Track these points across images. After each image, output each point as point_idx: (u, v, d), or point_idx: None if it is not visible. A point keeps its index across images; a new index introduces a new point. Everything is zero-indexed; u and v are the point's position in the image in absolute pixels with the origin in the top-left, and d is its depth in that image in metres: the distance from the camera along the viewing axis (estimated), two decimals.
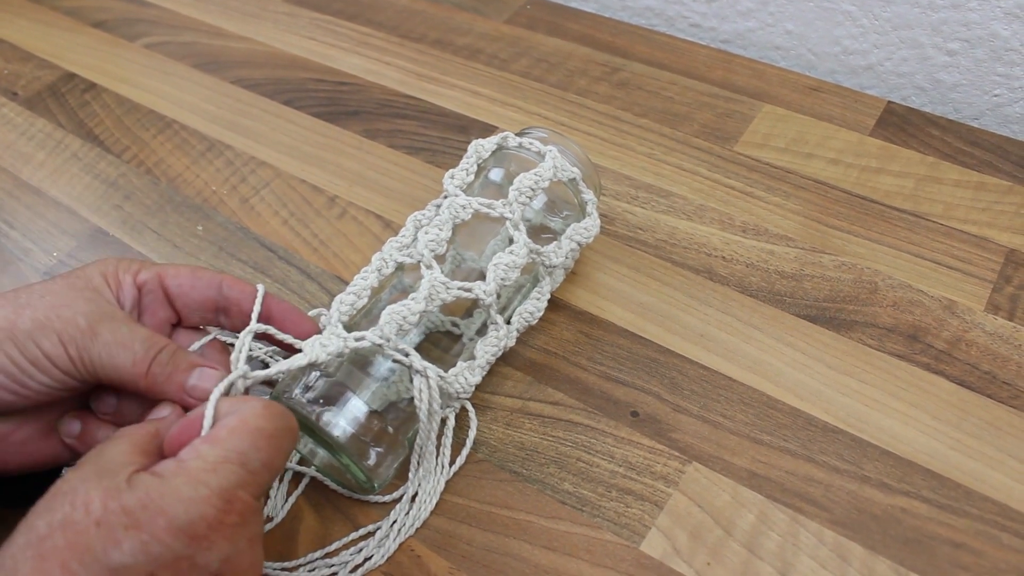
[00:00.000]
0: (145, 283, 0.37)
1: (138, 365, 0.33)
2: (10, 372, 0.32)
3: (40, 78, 0.66)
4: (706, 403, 0.42)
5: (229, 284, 0.38)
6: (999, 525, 0.37)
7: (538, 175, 0.42)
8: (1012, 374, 0.42)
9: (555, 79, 0.62)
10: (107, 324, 0.33)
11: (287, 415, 0.32)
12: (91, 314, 0.33)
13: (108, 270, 0.36)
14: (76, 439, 0.36)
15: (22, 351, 0.32)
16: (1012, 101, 0.59)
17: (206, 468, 0.29)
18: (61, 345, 0.32)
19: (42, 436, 0.36)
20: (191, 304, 0.38)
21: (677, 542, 0.38)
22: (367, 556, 0.38)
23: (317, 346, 0.36)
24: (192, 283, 0.38)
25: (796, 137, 0.56)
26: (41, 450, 0.36)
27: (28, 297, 0.33)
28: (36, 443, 0.36)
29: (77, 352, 0.33)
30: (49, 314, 0.33)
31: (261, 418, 0.31)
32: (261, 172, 0.57)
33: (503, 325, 0.41)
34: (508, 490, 0.40)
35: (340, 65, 0.65)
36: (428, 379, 0.37)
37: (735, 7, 0.66)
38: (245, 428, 0.30)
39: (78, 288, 0.34)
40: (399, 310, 0.37)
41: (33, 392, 0.33)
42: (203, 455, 0.29)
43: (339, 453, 0.37)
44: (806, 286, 0.47)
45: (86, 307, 0.33)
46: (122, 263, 0.37)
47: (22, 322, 0.32)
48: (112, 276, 0.36)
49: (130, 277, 0.37)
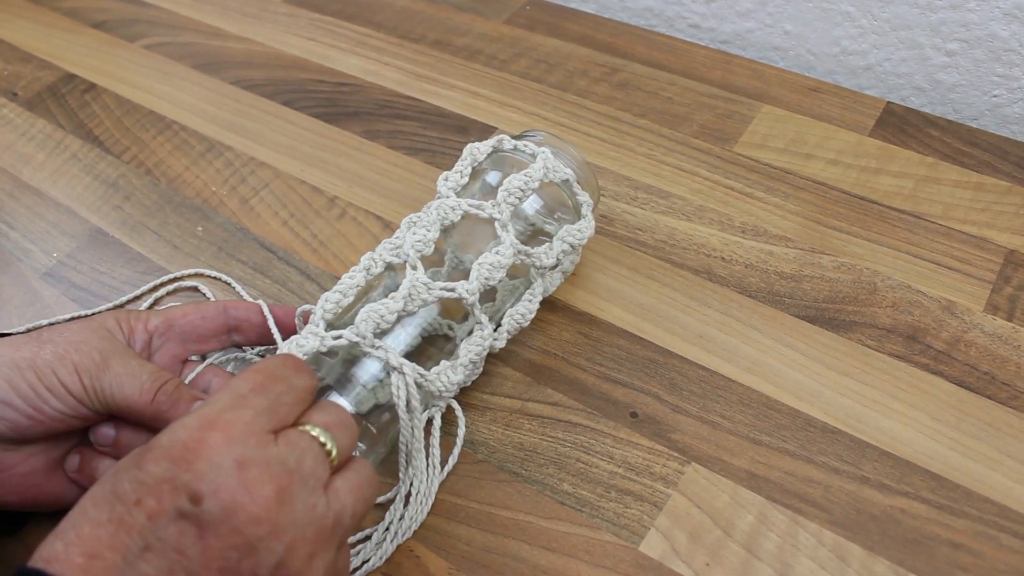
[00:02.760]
0: (156, 328, 0.41)
1: (145, 394, 0.36)
2: (28, 397, 0.35)
3: (40, 79, 0.66)
4: (705, 404, 0.42)
5: (233, 306, 0.43)
6: (998, 526, 0.37)
7: (528, 176, 0.42)
8: (1011, 375, 0.42)
9: (554, 80, 0.62)
10: (119, 358, 0.37)
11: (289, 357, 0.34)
12: (105, 350, 0.37)
13: (121, 316, 0.41)
14: (77, 472, 0.38)
15: (41, 379, 0.35)
16: (1011, 102, 0.59)
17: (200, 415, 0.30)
18: (76, 375, 0.36)
19: (47, 472, 0.38)
20: (206, 334, 0.43)
21: (676, 543, 0.38)
22: (365, 559, 0.38)
23: (293, 345, 0.37)
24: (201, 315, 0.43)
25: (795, 138, 0.56)
26: (44, 486, 0.38)
27: (50, 335, 0.37)
28: (40, 477, 0.38)
29: (91, 382, 0.36)
30: (68, 348, 0.36)
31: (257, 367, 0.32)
32: (261, 173, 0.57)
33: (487, 325, 0.41)
34: (507, 491, 0.40)
35: (339, 66, 0.65)
36: (404, 375, 0.37)
37: (734, 8, 0.66)
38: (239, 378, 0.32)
39: (94, 328, 0.38)
40: (377, 308, 0.38)
41: (47, 418, 0.36)
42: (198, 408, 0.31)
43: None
44: (805, 287, 0.47)
45: (100, 344, 0.37)
46: (132, 313, 0.41)
47: (44, 354, 0.36)
48: (124, 321, 0.40)
49: (141, 324, 0.41)
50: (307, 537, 0.29)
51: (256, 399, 0.30)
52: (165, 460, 0.28)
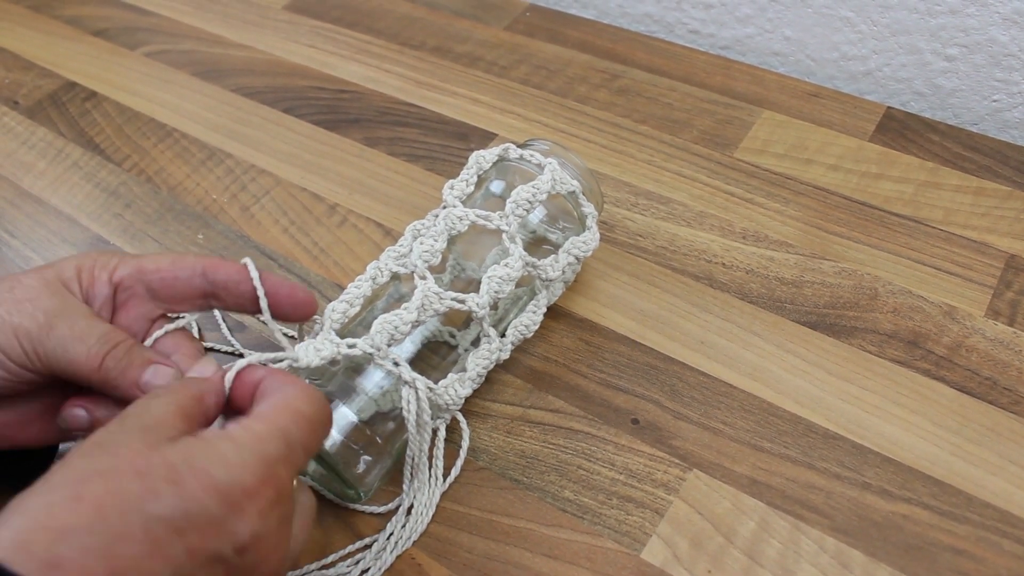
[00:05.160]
0: (122, 280, 0.36)
1: (92, 359, 0.33)
2: None
3: (41, 87, 0.66)
4: (706, 410, 0.42)
5: (213, 268, 0.37)
6: (1000, 531, 0.37)
7: (536, 188, 0.42)
8: (1013, 380, 0.42)
9: (555, 86, 0.62)
10: (65, 319, 0.34)
11: (324, 401, 0.32)
12: (51, 309, 0.34)
13: (84, 264, 0.36)
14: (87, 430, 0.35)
15: None
16: (1011, 106, 0.59)
17: (252, 438, 0.29)
18: (15, 339, 0.33)
19: (21, 425, 0.36)
20: (176, 296, 0.37)
21: (678, 550, 0.38)
22: (364, 568, 0.38)
23: (311, 351, 0.36)
24: (174, 274, 0.36)
25: (795, 143, 0.56)
26: (18, 437, 0.36)
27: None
28: (14, 429, 0.36)
29: (31, 346, 0.33)
30: (11, 309, 0.33)
31: (303, 401, 0.31)
32: (261, 180, 0.57)
33: (496, 338, 0.41)
34: (509, 498, 0.40)
35: (340, 73, 0.65)
36: (417, 390, 0.37)
37: (734, 13, 0.66)
38: (288, 408, 0.31)
39: (47, 280, 0.35)
40: (391, 319, 0.37)
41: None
42: (248, 427, 0.29)
43: (326, 461, 0.37)
44: (806, 292, 0.47)
45: (47, 302, 0.34)
46: (101, 258, 0.36)
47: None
48: (87, 271, 0.36)
49: (106, 274, 0.36)
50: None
51: (298, 454, 0.30)
52: (222, 503, 0.27)
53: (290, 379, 0.32)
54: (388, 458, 0.39)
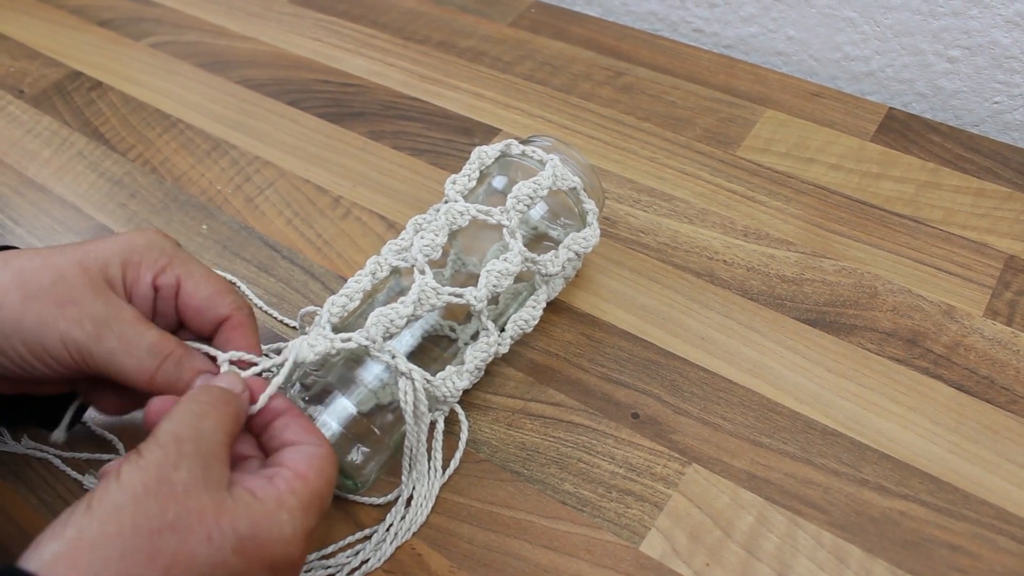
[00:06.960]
0: (162, 288, 0.36)
1: (143, 373, 0.33)
2: (17, 362, 0.33)
3: (46, 76, 0.66)
4: (706, 405, 0.43)
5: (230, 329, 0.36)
6: (996, 528, 0.38)
7: (537, 184, 0.42)
8: (1010, 379, 0.43)
9: (559, 82, 0.62)
10: (113, 328, 0.33)
11: (337, 462, 0.34)
12: (97, 316, 0.33)
13: (131, 260, 0.35)
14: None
15: (28, 348, 0.33)
16: (1012, 108, 0.59)
17: (300, 507, 0.30)
18: (64, 348, 0.33)
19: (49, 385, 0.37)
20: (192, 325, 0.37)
21: (676, 543, 0.38)
22: (364, 559, 0.38)
23: (304, 346, 0.36)
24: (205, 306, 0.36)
25: (797, 142, 0.56)
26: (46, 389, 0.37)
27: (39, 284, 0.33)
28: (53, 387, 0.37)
29: (81, 356, 0.33)
30: (56, 313, 0.32)
31: (330, 464, 0.33)
32: (266, 172, 0.57)
33: (494, 331, 0.41)
34: (509, 490, 0.40)
35: (345, 66, 0.65)
36: (413, 381, 0.37)
37: (738, 13, 0.66)
38: (323, 475, 0.32)
39: (91, 276, 0.34)
40: (387, 313, 0.38)
41: (41, 375, 0.34)
42: (296, 491, 0.31)
43: None
44: (806, 290, 0.47)
45: (92, 308, 0.33)
46: (148, 256, 0.35)
47: (28, 319, 0.32)
48: (133, 268, 0.35)
49: (151, 276, 0.35)
50: None
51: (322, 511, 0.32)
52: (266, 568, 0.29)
53: (317, 435, 0.34)
54: (386, 450, 0.39)
